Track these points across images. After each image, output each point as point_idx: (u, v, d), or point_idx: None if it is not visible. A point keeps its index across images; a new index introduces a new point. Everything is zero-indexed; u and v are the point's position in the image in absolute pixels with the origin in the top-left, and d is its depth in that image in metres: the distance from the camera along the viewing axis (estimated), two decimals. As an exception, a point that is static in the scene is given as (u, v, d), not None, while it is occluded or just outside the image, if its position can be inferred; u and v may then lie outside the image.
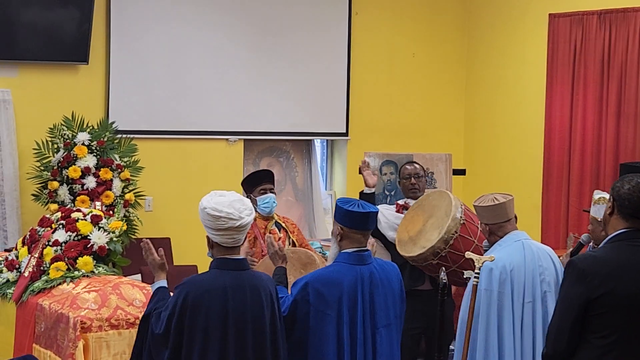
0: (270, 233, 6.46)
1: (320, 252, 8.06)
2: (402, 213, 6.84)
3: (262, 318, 4.36)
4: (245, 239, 4.57)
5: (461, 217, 6.05)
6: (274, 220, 6.58)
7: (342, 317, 4.73)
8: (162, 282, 4.63)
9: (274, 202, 6.50)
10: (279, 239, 6.47)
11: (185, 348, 4.24)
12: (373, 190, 6.86)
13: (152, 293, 4.61)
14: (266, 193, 6.49)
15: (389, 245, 6.65)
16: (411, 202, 6.90)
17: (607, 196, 5.19)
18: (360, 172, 7.02)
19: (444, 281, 5.58)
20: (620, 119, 8.65)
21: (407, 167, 7.07)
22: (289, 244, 6.50)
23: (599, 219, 5.15)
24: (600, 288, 3.99)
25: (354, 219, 4.82)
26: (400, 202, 7.01)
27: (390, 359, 4.87)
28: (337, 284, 4.74)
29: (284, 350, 4.51)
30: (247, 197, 6.25)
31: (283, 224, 6.62)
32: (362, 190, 6.88)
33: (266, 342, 4.38)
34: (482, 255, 5.37)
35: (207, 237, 4.42)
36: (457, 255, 5.94)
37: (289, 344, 4.66)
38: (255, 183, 6.58)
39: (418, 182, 6.96)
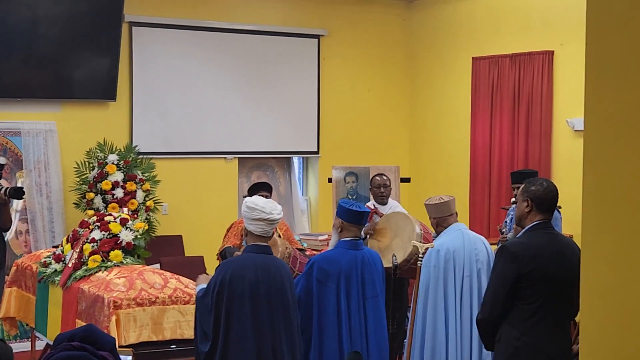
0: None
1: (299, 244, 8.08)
2: (371, 214, 6.82)
3: (283, 290, 4.48)
4: (274, 233, 4.69)
5: (421, 241, 6.02)
6: None
7: (340, 288, 4.89)
8: (204, 285, 4.66)
9: None
10: None
11: (225, 312, 4.29)
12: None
13: (196, 292, 4.66)
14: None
15: None
16: (380, 207, 6.97)
17: None
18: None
19: (396, 263, 5.61)
20: (528, 138, 8.69)
21: (377, 178, 7.16)
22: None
23: None
24: (528, 266, 4.05)
25: (352, 216, 4.99)
26: (370, 205, 7.07)
27: (376, 321, 4.99)
28: (336, 263, 4.92)
29: (297, 316, 4.63)
30: None
31: None
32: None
33: (285, 309, 4.48)
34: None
35: (244, 227, 4.55)
36: (414, 269, 5.85)
37: (300, 309, 4.77)
38: (255, 191, 6.74)
39: (385, 190, 7.09)
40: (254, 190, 6.76)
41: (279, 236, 6.59)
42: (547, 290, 4.07)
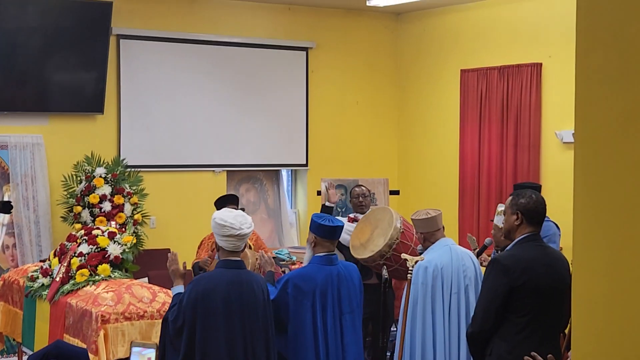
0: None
1: (288, 258, 8.09)
2: (350, 221, 6.87)
3: (255, 304, 4.40)
4: (245, 246, 4.60)
5: (401, 226, 6.02)
6: None
7: (316, 305, 4.80)
8: (180, 288, 4.61)
9: None
10: None
11: (199, 329, 4.24)
12: (333, 205, 7.06)
13: (172, 296, 4.60)
14: None
15: (343, 248, 6.61)
16: (360, 216, 6.96)
17: None
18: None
19: (386, 276, 5.60)
20: (517, 150, 8.74)
21: (356, 189, 7.18)
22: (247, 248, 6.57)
23: (500, 226, 5.20)
24: (520, 279, 4.04)
25: (325, 231, 4.89)
26: (351, 215, 7.10)
27: (353, 338, 4.93)
28: (311, 280, 4.81)
29: (272, 328, 4.56)
30: None
31: None
32: (324, 204, 7.06)
33: (259, 323, 4.41)
34: (416, 256, 5.40)
35: (215, 242, 4.46)
36: (398, 256, 5.93)
37: (276, 325, 4.70)
38: (222, 204, 6.70)
39: (364, 200, 7.10)
40: (220, 203, 6.74)
41: (249, 247, 6.58)
42: (538, 303, 4.07)
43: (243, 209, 6.86)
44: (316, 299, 4.79)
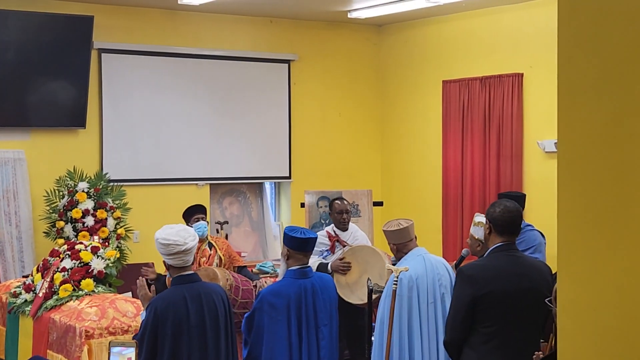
0: (203, 254, 6.54)
1: (272, 270, 8.08)
2: (333, 242, 6.72)
3: (217, 317, 4.35)
4: (195, 259, 4.55)
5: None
6: (207, 241, 6.66)
7: (291, 320, 4.76)
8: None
9: (205, 227, 6.61)
10: (209, 255, 6.52)
11: (159, 351, 4.18)
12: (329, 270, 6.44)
13: (141, 320, 4.50)
14: (199, 221, 6.64)
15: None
16: (341, 233, 6.82)
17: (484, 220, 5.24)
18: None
19: (371, 287, 5.58)
20: (499, 159, 8.76)
21: (338, 203, 6.88)
22: (217, 259, 6.54)
23: (476, 237, 5.21)
24: (485, 288, 4.02)
25: (298, 243, 4.84)
26: (330, 230, 6.87)
27: (331, 349, 4.90)
28: (285, 295, 4.77)
29: (235, 339, 4.52)
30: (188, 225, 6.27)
31: (214, 244, 6.71)
32: (321, 262, 6.56)
33: (221, 337, 4.37)
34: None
35: (164, 261, 4.36)
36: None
37: (250, 342, 4.65)
38: (191, 214, 6.78)
39: (347, 216, 6.82)
40: (189, 213, 6.81)
41: (220, 259, 6.55)
42: (508, 313, 4.04)
43: (204, 219, 6.87)
44: (291, 314, 4.76)
